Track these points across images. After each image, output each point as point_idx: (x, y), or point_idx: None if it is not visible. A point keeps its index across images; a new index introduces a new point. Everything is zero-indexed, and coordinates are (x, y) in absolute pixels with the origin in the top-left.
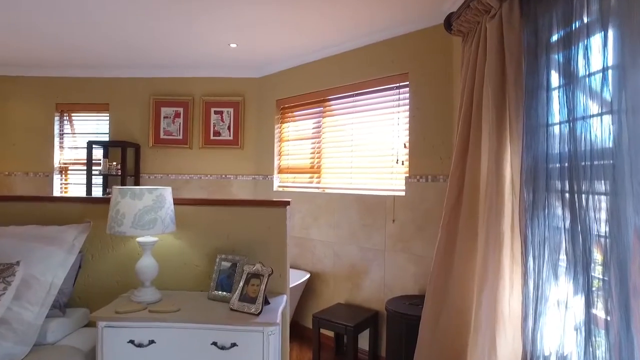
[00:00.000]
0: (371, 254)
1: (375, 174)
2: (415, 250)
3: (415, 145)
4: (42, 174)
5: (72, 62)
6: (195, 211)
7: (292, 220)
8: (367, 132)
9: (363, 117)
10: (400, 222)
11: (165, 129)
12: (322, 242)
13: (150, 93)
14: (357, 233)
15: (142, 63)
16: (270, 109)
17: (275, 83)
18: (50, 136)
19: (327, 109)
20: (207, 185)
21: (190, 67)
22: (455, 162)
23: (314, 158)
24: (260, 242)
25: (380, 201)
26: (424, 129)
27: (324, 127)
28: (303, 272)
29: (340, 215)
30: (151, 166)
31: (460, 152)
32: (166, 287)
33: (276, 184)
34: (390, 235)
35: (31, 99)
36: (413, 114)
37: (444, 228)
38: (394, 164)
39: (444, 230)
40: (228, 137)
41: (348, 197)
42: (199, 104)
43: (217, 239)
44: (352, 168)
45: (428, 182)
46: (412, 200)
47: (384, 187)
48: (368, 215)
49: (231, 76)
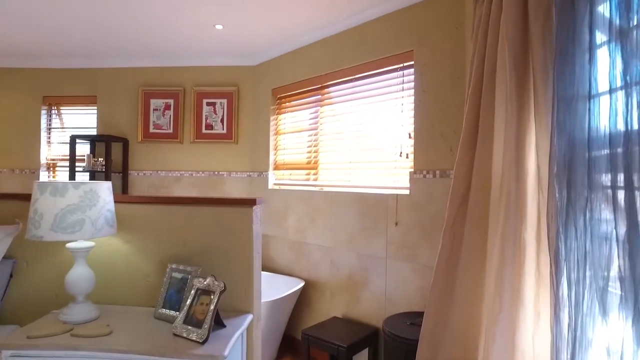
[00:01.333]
0: (371, 262)
1: (376, 169)
2: (421, 259)
3: (421, 135)
4: (28, 171)
5: (58, 52)
6: (145, 211)
7: (286, 222)
8: (368, 122)
9: (363, 105)
10: (404, 226)
11: (155, 122)
12: (319, 247)
13: (140, 84)
14: (356, 237)
15: (130, 51)
16: (266, 100)
17: (271, 71)
18: (37, 131)
19: (325, 97)
20: (199, 183)
21: (181, 56)
22: (462, 151)
23: (311, 152)
24: (223, 249)
25: (382, 201)
26: (432, 115)
27: (322, 117)
28: (297, 280)
29: (338, 216)
30: (140, 162)
31: (468, 138)
32: (112, 302)
33: (271, 182)
34: (393, 241)
35: (17, 92)
36: (419, 97)
37: (447, 233)
38: (398, 157)
39: (447, 236)
40: (221, 130)
41: (346, 196)
42: (190, 95)
43: (173, 245)
44: (351, 163)
45: (436, 179)
46: (417, 199)
47: (386, 184)
48: (368, 217)
49: (225, 64)
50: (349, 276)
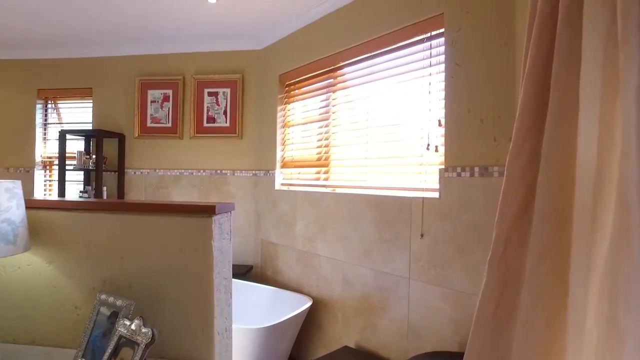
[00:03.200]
0: (391, 282)
1: (398, 166)
2: (453, 283)
3: (454, 122)
4: (22, 170)
5: (51, 42)
6: (74, 221)
7: (294, 228)
8: (388, 108)
9: (382, 87)
10: (432, 238)
11: (153, 115)
12: (329, 260)
13: (136, 73)
14: (373, 250)
15: (125, 38)
16: (273, 87)
17: (278, 54)
18: (32, 127)
19: (338, 81)
20: (200, 183)
21: (180, 41)
22: (519, 137)
23: (322, 147)
24: (173, 273)
25: (404, 206)
26: (468, 96)
27: (334, 104)
28: (304, 298)
29: (351, 224)
30: (137, 160)
31: (529, 118)
32: (31, 341)
33: (278, 182)
34: (418, 257)
35: (10, 85)
36: (451, 74)
37: (495, 264)
38: (424, 151)
39: (495, 269)
40: (224, 123)
41: (361, 199)
42: (191, 85)
43: (108, 266)
44: (367, 159)
45: (474, 178)
46: (449, 204)
47: (410, 185)
48: (387, 226)
49: (228, 49)
50: (364, 297)
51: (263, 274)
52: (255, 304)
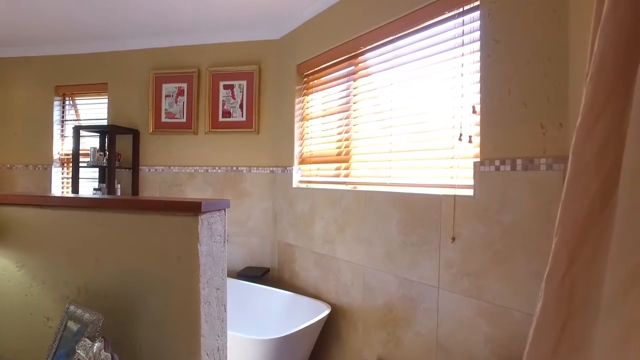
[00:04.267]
0: (417, 291)
1: (425, 159)
2: (491, 295)
3: (492, 107)
4: (41, 167)
5: (67, 37)
6: (47, 219)
7: (312, 229)
8: (413, 95)
9: (407, 72)
10: (465, 242)
11: (167, 110)
12: (349, 265)
13: (151, 67)
14: (397, 255)
15: (139, 31)
16: (291, 79)
17: (295, 43)
18: (50, 123)
19: (359, 68)
20: (215, 180)
21: (194, 31)
22: (590, 117)
23: (342, 140)
24: (154, 281)
25: (433, 204)
26: (509, 76)
27: (355, 93)
28: (322, 305)
29: (373, 225)
30: (151, 156)
31: (610, 84)
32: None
33: (296, 179)
34: (448, 264)
35: (29, 82)
36: (488, 52)
37: (558, 280)
38: (456, 142)
39: (556, 291)
40: (240, 118)
41: (384, 197)
42: (206, 77)
43: (83, 271)
44: (391, 152)
45: (516, 172)
46: (486, 203)
47: (439, 181)
48: (413, 228)
49: (244, 40)
50: (388, 307)
51: (280, 277)
52: (270, 310)
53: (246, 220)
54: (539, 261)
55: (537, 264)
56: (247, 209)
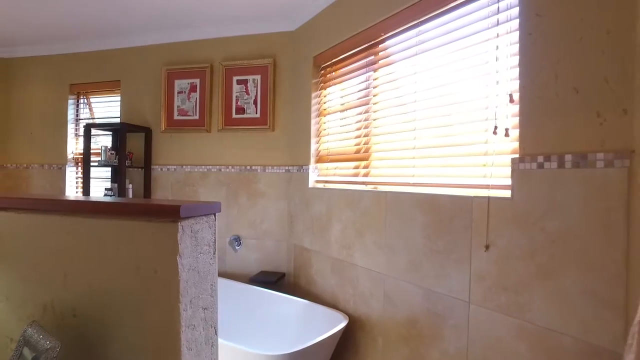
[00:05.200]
0: (445, 306)
1: (454, 156)
2: (534, 315)
3: (534, 94)
4: (55, 166)
5: (80, 35)
6: (13, 224)
7: (329, 233)
8: (440, 84)
9: (433, 59)
10: (501, 252)
11: (180, 107)
12: (368, 273)
13: (163, 63)
14: (422, 263)
15: (151, 25)
16: (307, 71)
17: (312, 33)
18: (65, 122)
19: (379, 57)
20: (229, 180)
21: (207, 24)
22: None
23: (361, 137)
24: (127, 299)
25: (463, 207)
26: (556, 56)
27: (375, 84)
28: (339, 316)
29: (396, 229)
30: (164, 155)
31: None
32: None
33: (312, 178)
34: (481, 276)
35: (45, 81)
36: (529, 29)
37: None
38: (490, 136)
39: None
40: (254, 114)
41: (407, 198)
42: (219, 72)
43: (51, 287)
44: (415, 149)
45: (566, 170)
46: (527, 207)
47: (469, 180)
48: (440, 233)
49: (258, 32)
50: (411, 321)
51: (296, 283)
52: (284, 318)
53: (260, 222)
54: (594, 278)
55: (591, 282)
56: (262, 210)
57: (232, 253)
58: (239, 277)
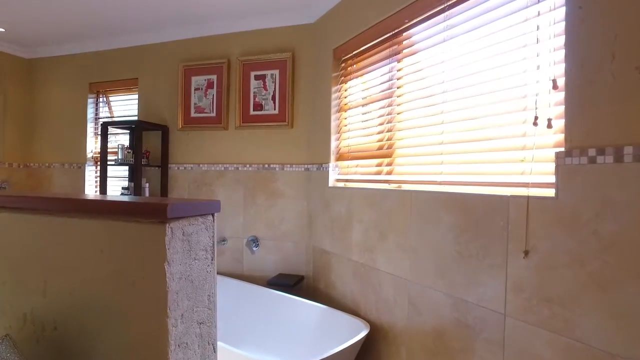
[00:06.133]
0: (476, 317)
1: (486, 151)
2: (585, 333)
3: (584, 79)
4: (75, 165)
5: (99, 33)
6: None
7: (350, 234)
8: (470, 73)
9: (462, 45)
10: (543, 258)
11: (197, 104)
12: (392, 278)
13: (180, 59)
14: (450, 269)
15: (167, 21)
16: (327, 65)
17: (331, 25)
18: (84, 121)
19: (403, 46)
20: (246, 179)
21: (224, 19)
22: None
23: (384, 132)
24: (110, 312)
25: (497, 208)
26: (613, 33)
27: (399, 76)
28: (360, 324)
29: (421, 231)
30: (180, 153)
31: None
32: None
33: (333, 177)
34: (519, 285)
35: (65, 81)
36: (578, 3)
37: None
38: (528, 127)
39: None
40: (272, 111)
41: (434, 197)
42: (236, 68)
43: (31, 295)
44: (442, 144)
45: (624, 165)
46: (575, 208)
47: (505, 178)
48: (471, 236)
49: (276, 25)
50: (438, 332)
51: (315, 287)
52: (302, 324)
53: (279, 223)
54: None
55: None
56: (280, 210)
57: (249, 254)
58: (256, 279)
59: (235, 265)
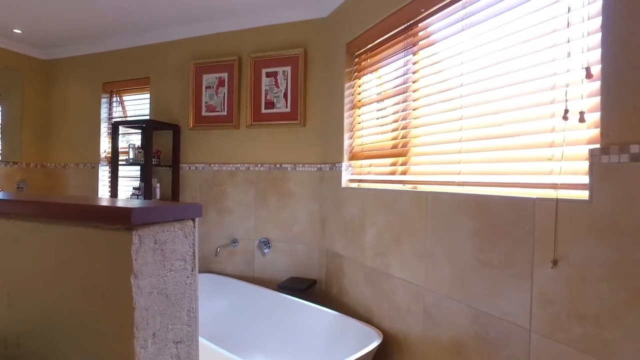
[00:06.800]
0: (498, 331)
1: (509, 149)
2: (626, 357)
3: (624, 65)
4: (89, 165)
5: (112, 32)
6: None
7: (363, 237)
8: (492, 63)
9: (483, 34)
10: (574, 269)
11: (208, 102)
12: (406, 285)
13: (191, 57)
14: (470, 278)
15: (179, 19)
16: (340, 60)
17: (344, 18)
18: (97, 122)
19: (419, 37)
20: (257, 179)
21: (235, 16)
22: None
23: (399, 129)
24: (74, 329)
25: (522, 211)
26: None
27: (415, 69)
28: (372, 332)
29: (438, 235)
30: (191, 153)
31: None
32: None
33: (345, 177)
34: (547, 298)
35: (79, 81)
36: None
37: None
38: (557, 122)
39: None
40: (284, 108)
41: (452, 199)
42: (247, 65)
43: None
44: (461, 141)
45: None
46: (612, 212)
47: (530, 179)
48: (492, 242)
49: (288, 21)
50: (456, 345)
51: (327, 292)
52: (313, 330)
53: (291, 225)
54: None
55: None
56: (292, 211)
57: (260, 257)
58: (267, 282)
59: (246, 267)
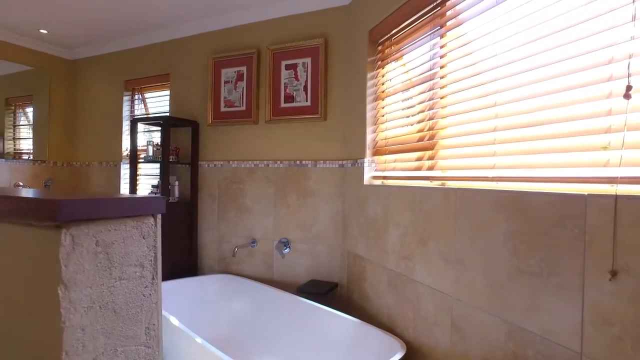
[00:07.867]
0: (539, 352)
1: (553, 137)
2: None
3: None
4: (111, 163)
5: (133, 29)
6: None
7: (386, 239)
8: (531, 39)
9: (521, 6)
10: (638, 281)
11: (226, 98)
12: (432, 292)
13: (210, 52)
14: (504, 287)
15: (197, 12)
16: (362, 49)
17: (367, 3)
18: (119, 120)
19: (447, 17)
20: (277, 177)
21: (253, 6)
22: None
23: (425, 121)
24: (3, 349)
25: (569, 211)
26: None
27: (443, 53)
28: (395, 343)
29: (468, 238)
30: (210, 150)
31: None
32: None
33: (368, 174)
34: (603, 316)
35: (102, 79)
36: None
37: None
38: (615, 102)
39: None
40: (304, 102)
41: (486, 197)
42: (266, 57)
43: None
44: (495, 131)
45: None
46: None
47: (580, 172)
48: (533, 246)
49: (308, 10)
50: None
51: (349, 297)
52: (332, 338)
53: (311, 225)
54: None
55: None
56: (313, 210)
57: (279, 258)
58: (286, 285)
59: (265, 269)
